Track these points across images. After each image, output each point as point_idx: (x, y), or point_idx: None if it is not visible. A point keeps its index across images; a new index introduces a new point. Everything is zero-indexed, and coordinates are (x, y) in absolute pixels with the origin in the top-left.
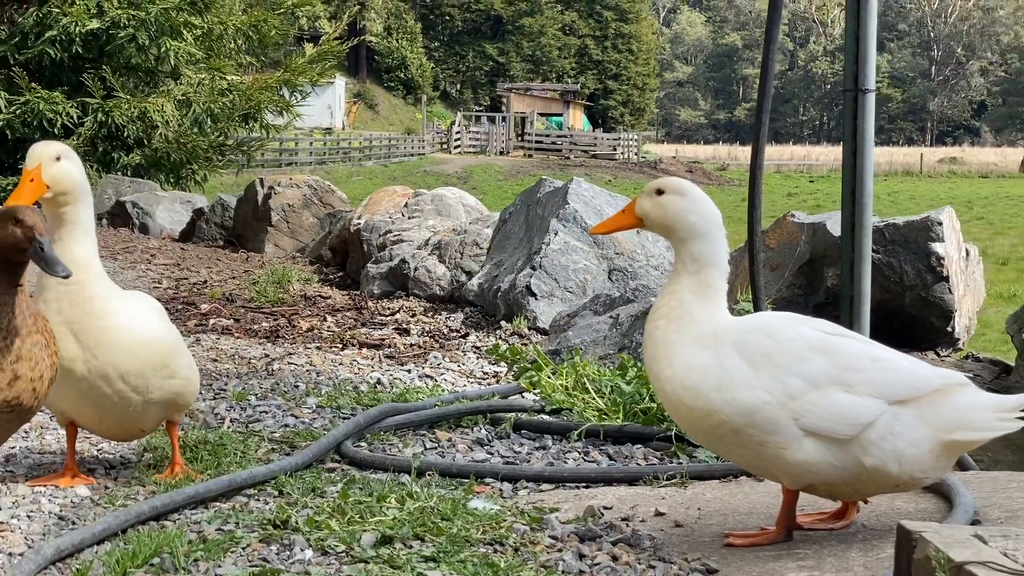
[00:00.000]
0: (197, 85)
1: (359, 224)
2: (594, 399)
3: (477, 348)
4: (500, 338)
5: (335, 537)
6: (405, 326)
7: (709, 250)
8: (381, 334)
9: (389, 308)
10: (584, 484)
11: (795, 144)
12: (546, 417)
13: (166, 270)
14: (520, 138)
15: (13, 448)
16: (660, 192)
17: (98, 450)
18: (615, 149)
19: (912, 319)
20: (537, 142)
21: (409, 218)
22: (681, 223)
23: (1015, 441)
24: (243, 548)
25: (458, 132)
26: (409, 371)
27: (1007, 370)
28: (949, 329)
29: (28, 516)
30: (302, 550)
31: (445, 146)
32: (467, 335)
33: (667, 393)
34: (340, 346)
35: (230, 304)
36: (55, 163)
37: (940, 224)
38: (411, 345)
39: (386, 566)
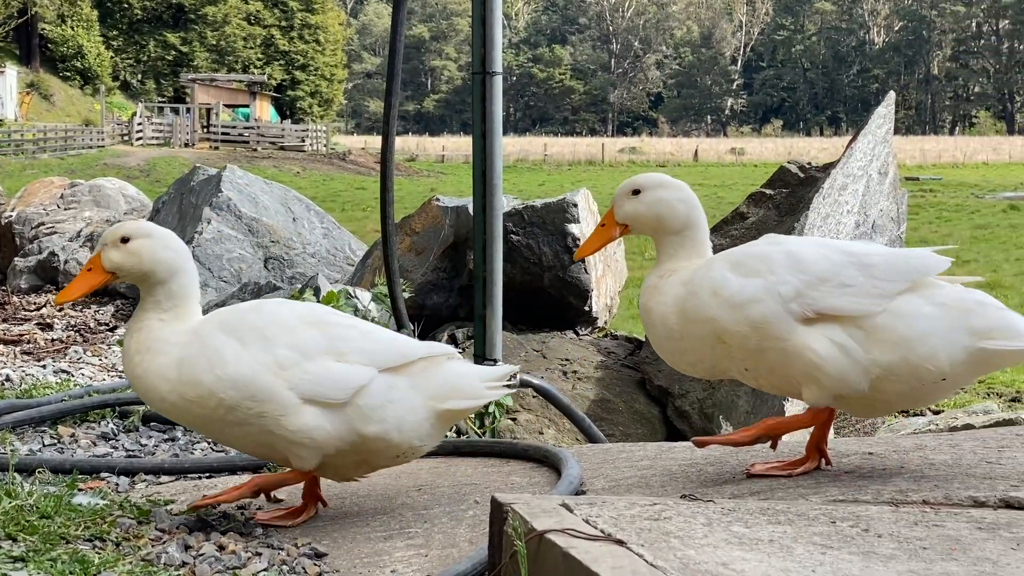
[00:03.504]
0: None
1: (11, 216)
2: None
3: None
4: None
5: None
6: (50, 320)
7: (188, 281)
8: (22, 330)
9: (36, 303)
10: (207, 474)
11: None
12: None
13: None
14: (206, 130)
15: None
16: (126, 240)
17: None
18: (304, 141)
19: (552, 299)
20: (224, 134)
21: (65, 209)
22: (160, 265)
23: (645, 415)
24: None
25: (140, 124)
26: (45, 367)
27: (640, 346)
28: (587, 308)
29: None
30: None
31: (127, 138)
32: (115, 328)
33: (168, 407)
34: None
35: None
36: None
37: (575, 206)
38: (53, 340)
39: None
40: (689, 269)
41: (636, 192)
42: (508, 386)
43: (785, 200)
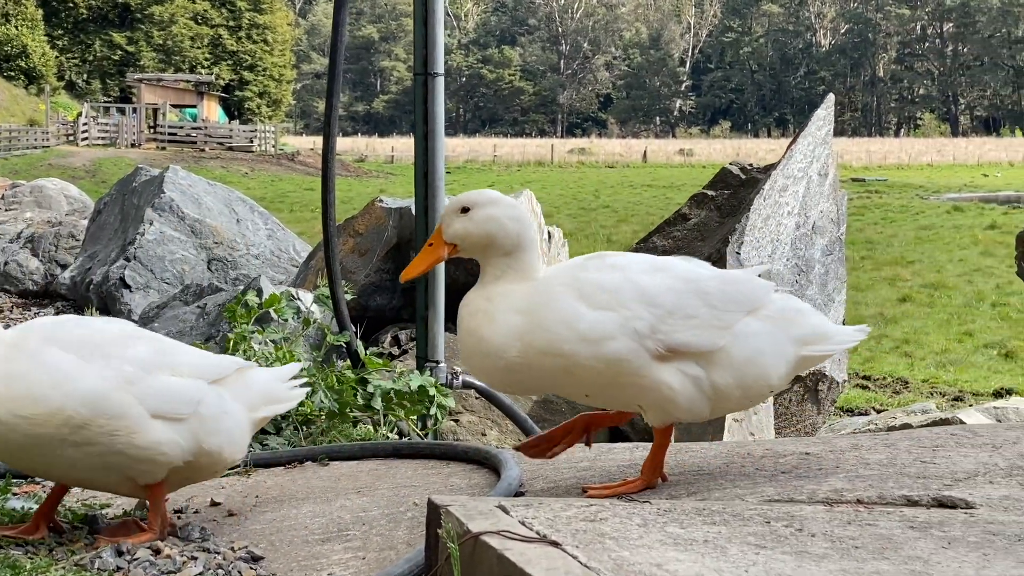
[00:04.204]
0: None
1: None
2: None
3: None
4: None
5: None
6: None
7: None
8: None
9: None
10: None
11: None
12: None
13: None
14: (153, 130)
15: None
16: None
17: None
18: (252, 141)
19: None
20: (171, 134)
21: (6, 210)
22: None
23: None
24: None
25: (85, 124)
26: None
27: None
28: None
29: None
30: None
31: (72, 138)
32: None
33: (10, 437)
34: None
35: None
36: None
37: None
38: None
39: None
40: (519, 294)
41: (465, 210)
42: (304, 385)
43: (727, 201)
